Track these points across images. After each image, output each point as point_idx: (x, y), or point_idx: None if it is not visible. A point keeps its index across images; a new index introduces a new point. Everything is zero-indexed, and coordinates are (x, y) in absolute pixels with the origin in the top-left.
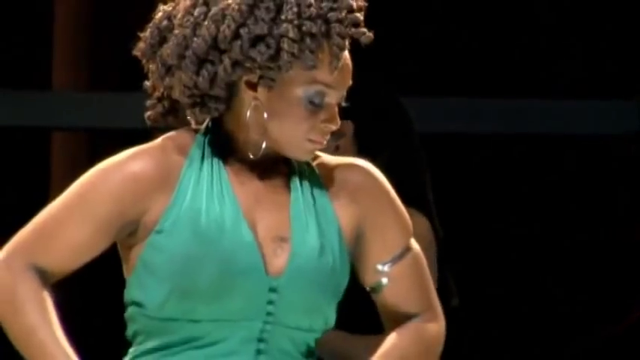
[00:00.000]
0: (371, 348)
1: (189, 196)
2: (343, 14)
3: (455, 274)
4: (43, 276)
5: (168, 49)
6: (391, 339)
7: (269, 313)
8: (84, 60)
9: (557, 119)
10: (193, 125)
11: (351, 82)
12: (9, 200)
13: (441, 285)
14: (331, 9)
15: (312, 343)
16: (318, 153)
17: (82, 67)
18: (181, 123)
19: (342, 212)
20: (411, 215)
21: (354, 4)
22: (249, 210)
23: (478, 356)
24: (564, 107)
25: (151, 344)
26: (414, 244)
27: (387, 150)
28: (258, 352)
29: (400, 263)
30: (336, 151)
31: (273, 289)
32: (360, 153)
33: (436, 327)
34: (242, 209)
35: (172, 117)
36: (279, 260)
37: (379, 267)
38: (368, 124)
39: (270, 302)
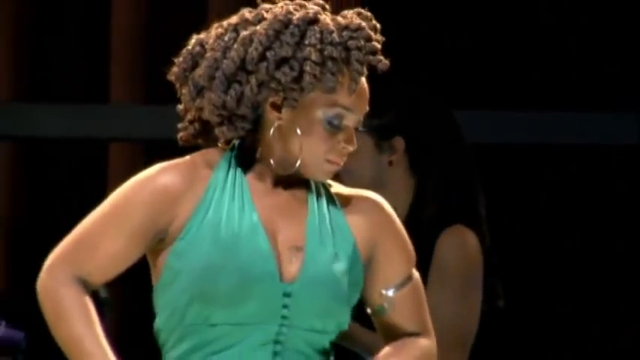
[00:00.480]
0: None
1: (212, 208)
2: (362, 42)
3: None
4: (85, 284)
5: (200, 71)
6: (393, 350)
7: (284, 317)
8: (140, 74)
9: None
10: (221, 144)
11: (367, 108)
12: (68, 210)
13: (487, 289)
14: (351, 37)
15: (327, 345)
16: (332, 183)
17: (138, 80)
18: (212, 143)
19: (356, 233)
20: (460, 232)
21: (373, 34)
22: (268, 221)
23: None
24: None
25: (176, 352)
26: (414, 272)
27: (438, 165)
28: (275, 353)
29: (402, 290)
30: (389, 166)
31: (287, 294)
32: (412, 168)
33: (432, 349)
34: (261, 220)
35: (203, 138)
36: (293, 267)
37: (384, 292)
38: (418, 140)
39: (284, 306)
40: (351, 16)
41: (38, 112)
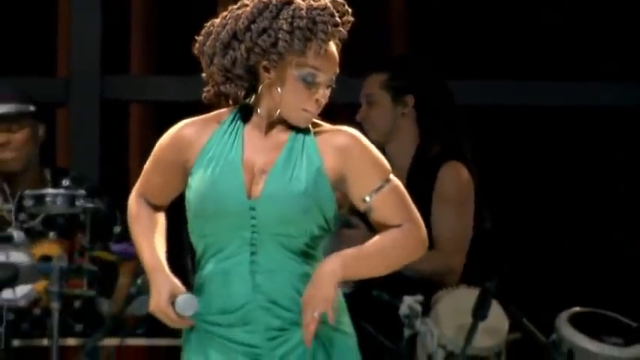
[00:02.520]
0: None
1: (211, 151)
2: (327, 17)
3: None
4: (151, 205)
5: (209, 43)
6: (376, 237)
7: (253, 225)
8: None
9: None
10: (231, 102)
11: (337, 70)
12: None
13: (477, 211)
14: (318, 14)
15: (301, 246)
16: (320, 122)
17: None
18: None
19: (327, 159)
20: (456, 165)
21: (335, 13)
22: (251, 157)
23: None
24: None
25: (198, 258)
26: (392, 178)
27: (438, 118)
28: (252, 253)
29: (381, 192)
30: (402, 117)
31: (252, 208)
32: (419, 119)
33: (414, 231)
34: (244, 157)
35: (224, 99)
36: (258, 187)
37: (364, 198)
38: (424, 98)
39: (252, 217)
40: (324, 1)
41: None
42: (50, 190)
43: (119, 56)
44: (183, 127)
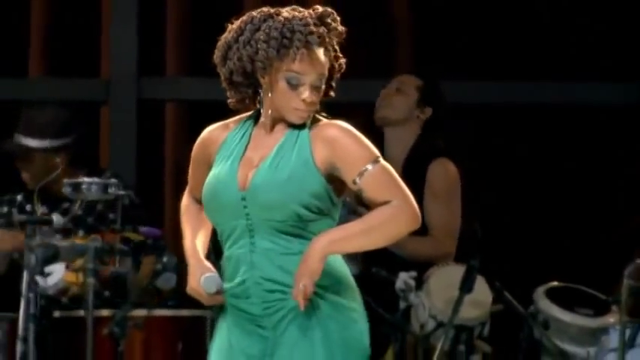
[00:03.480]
0: None
1: (226, 148)
2: (301, 27)
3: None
4: (198, 201)
5: (214, 55)
6: (367, 214)
7: (247, 214)
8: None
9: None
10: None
11: (321, 71)
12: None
13: (465, 202)
14: (295, 25)
15: (291, 229)
16: (320, 118)
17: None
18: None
19: (317, 150)
20: (444, 162)
21: (311, 23)
22: (251, 153)
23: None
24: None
25: (221, 246)
26: (380, 160)
27: (439, 125)
28: (251, 237)
29: (369, 173)
30: (415, 118)
31: (243, 198)
32: (425, 126)
33: (403, 206)
34: (246, 153)
35: (244, 104)
36: (247, 180)
37: (356, 180)
38: (436, 114)
39: (245, 207)
40: (305, 11)
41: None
42: (86, 179)
43: (155, 59)
44: (209, 129)
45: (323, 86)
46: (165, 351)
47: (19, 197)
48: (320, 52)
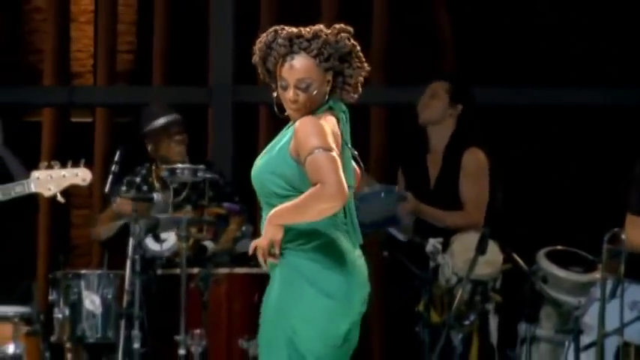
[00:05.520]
0: None
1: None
2: (275, 46)
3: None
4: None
5: None
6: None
7: (256, 191)
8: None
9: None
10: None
11: (300, 76)
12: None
13: (491, 191)
14: (275, 41)
15: (275, 202)
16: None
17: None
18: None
19: (292, 140)
20: (476, 150)
21: (287, 38)
22: (268, 149)
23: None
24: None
25: None
26: (316, 152)
27: (471, 122)
28: (262, 208)
29: (307, 161)
30: (449, 115)
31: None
32: (459, 120)
33: (322, 189)
34: (268, 148)
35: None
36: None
37: (304, 166)
38: (466, 109)
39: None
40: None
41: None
42: (180, 165)
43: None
44: None
45: (311, 88)
46: (244, 301)
47: (143, 171)
48: (299, 61)
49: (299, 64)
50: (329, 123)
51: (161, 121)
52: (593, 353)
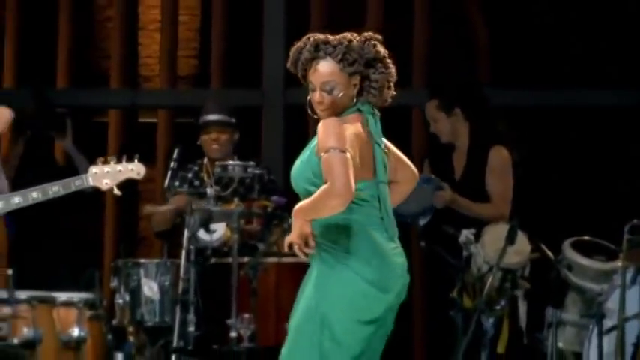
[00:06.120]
0: None
1: None
2: (308, 48)
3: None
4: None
5: None
6: None
7: None
8: None
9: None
10: None
11: (325, 79)
12: None
13: (515, 184)
14: (303, 49)
15: (302, 198)
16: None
17: None
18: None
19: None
20: (500, 149)
21: (314, 44)
22: (304, 150)
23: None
24: None
25: None
26: (328, 152)
27: (478, 115)
28: None
29: (321, 161)
30: (455, 121)
31: None
32: (467, 118)
33: (329, 189)
34: (304, 150)
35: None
36: None
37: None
38: (466, 105)
39: None
40: (335, 36)
41: None
42: (231, 162)
43: None
44: None
45: (336, 90)
46: (291, 288)
47: (195, 168)
48: (324, 65)
49: (323, 68)
50: (353, 124)
51: (206, 118)
52: (615, 336)
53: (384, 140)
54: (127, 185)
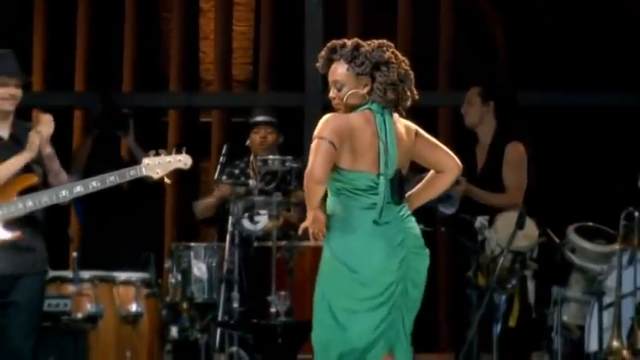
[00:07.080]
0: None
1: None
2: (327, 50)
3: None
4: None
5: None
6: None
7: None
8: None
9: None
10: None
11: (335, 79)
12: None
13: (529, 177)
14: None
15: (332, 188)
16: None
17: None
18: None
19: None
20: (517, 144)
21: (332, 48)
22: None
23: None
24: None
25: None
26: (316, 139)
27: (507, 114)
28: None
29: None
30: (486, 112)
31: None
32: (497, 114)
33: (307, 170)
34: None
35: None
36: None
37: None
38: (500, 103)
39: None
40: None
41: None
42: (270, 156)
43: None
44: None
45: (344, 89)
46: None
47: (242, 164)
48: (336, 66)
49: (335, 69)
50: (358, 120)
51: (256, 118)
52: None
53: (424, 134)
54: (185, 177)
